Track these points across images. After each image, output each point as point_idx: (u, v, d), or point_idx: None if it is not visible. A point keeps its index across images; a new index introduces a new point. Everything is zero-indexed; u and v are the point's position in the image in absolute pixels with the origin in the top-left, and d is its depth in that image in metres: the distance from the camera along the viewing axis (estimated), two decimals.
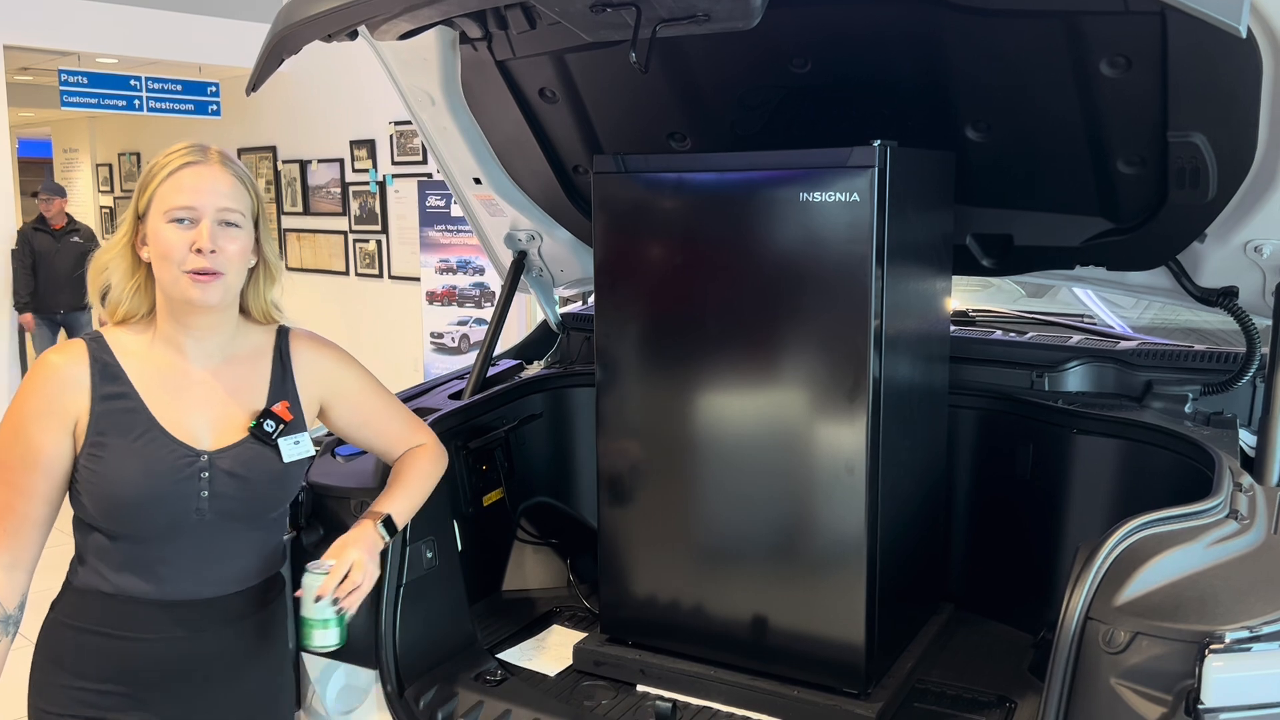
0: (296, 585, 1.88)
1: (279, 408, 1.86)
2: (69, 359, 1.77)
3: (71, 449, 1.75)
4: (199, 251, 1.72)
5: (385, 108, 8.14)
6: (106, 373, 1.76)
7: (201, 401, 1.82)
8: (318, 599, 1.80)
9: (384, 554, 2.23)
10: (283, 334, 1.95)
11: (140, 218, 1.78)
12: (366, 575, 1.86)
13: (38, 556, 1.82)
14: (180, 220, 1.74)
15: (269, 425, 1.84)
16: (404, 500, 2.03)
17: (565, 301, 3.47)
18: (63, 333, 8.33)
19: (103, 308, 1.83)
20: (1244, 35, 1.52)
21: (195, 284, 1.74)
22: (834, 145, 2.12)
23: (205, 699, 1.83)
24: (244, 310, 1.89)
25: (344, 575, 1.83)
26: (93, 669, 1.77)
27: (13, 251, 7.99)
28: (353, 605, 1.84)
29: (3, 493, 1.76)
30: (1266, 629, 1.55)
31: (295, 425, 1.88)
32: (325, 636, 1.81)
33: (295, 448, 1.86)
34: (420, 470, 2.08)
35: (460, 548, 2.55)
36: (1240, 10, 1.49)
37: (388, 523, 1.97)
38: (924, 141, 2.32)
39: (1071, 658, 1.68)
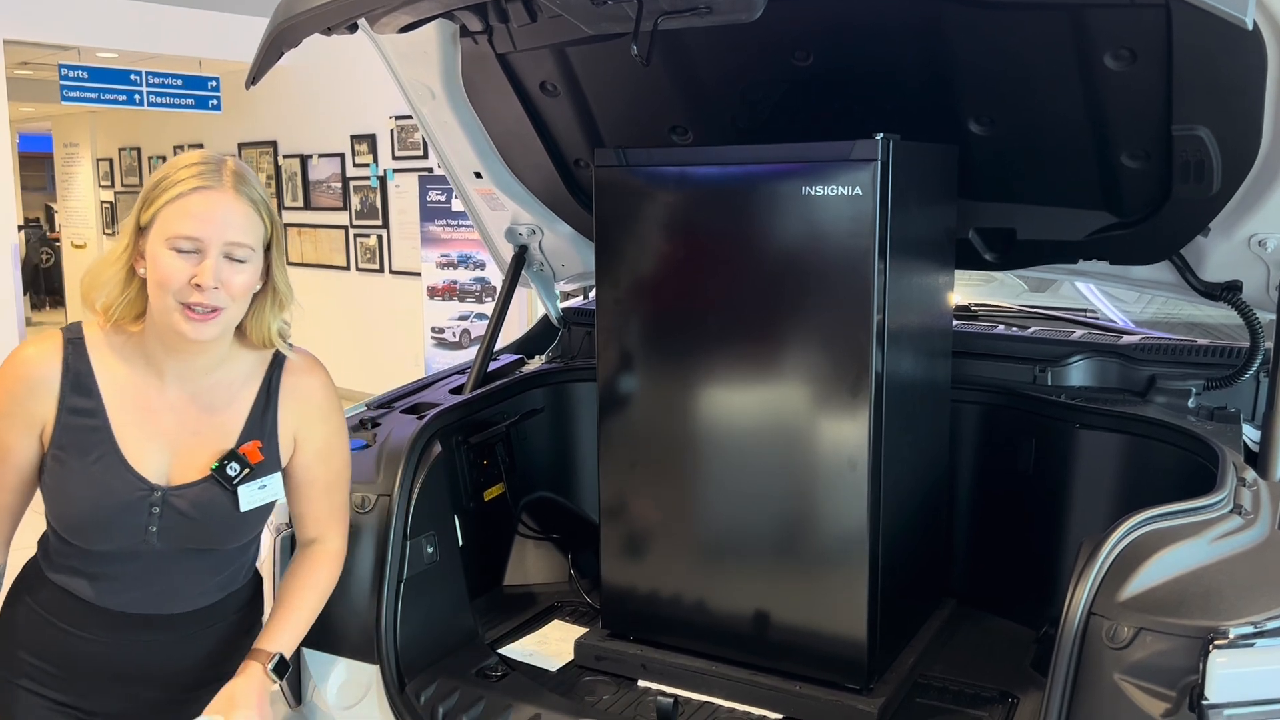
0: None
1: (248, 448, 1.76)
2: (42, 357, 1.70)
3: (39, 448, 1.72)
4: (198, 287, 1.62)
5: (386, 102, 8.14)
6: (79, 384, 1.70)
7: (170, 429, 1.73)
8: None
9: (383, 552, 2.24)
10: (277, 363, 1.83)
11: (141, 229, 1.67)
12: None
13: (11, 535, 1.81)
14: (182, 250, 1.63)
15: (232, 469, 1.74)
16: (295, 629, 1.89)
17: (566, 296, 3.47)
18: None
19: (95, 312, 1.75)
20: (1250, 28, 1.51)
21: (189, 320, 1.63)
22: (836, 139, 2.11)
23: (145, 698, 1.79)
24: (240, 330, 1.77)
25: None
26: (35, 645, 1.77)
27: None
28: None
29: None
30: (1270, 624, 1.55)
31: (265, 466, 1.78)
32: None
33: (258, 493, 1.77)
34: (317, 587, 1.93)
35: (461, 543, 2.54)
36: (1246, 2, 1.48)
37: (279, 665, 1.82)
38: (927, 135, 2.31)
39: (1075, 653, 1.68)
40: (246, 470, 1.75)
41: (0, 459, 1.72)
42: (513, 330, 3.39)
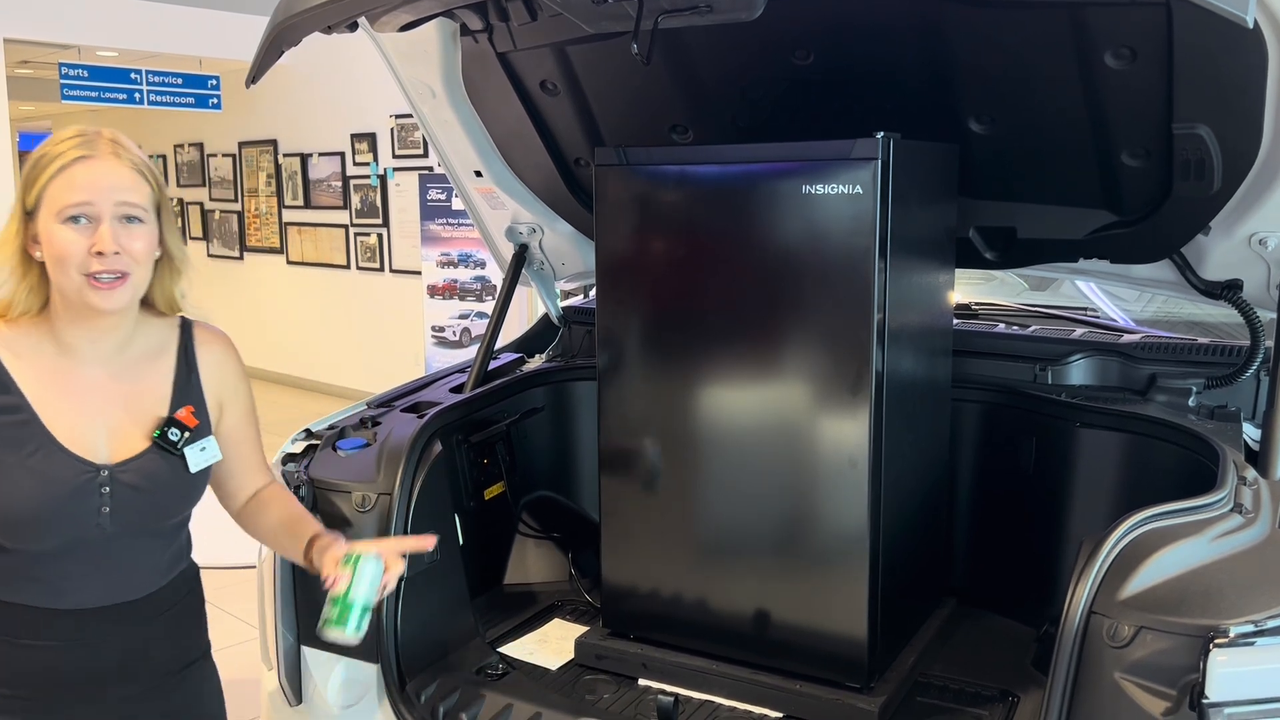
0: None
1: (183, 413, 1.75)
2: None
3: None
4: (100, 254, 1.60)
5: (386, 101, 8.13)
6: None
7: (99, 408, 1.71)
8: (384, 587, 1.73)
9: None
10: (186, 328, 1.83)
11: (28, 213, 1.64)
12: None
13: None
14: (76, 219, 1.61)
15: (174, 434, 1.73)
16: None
17: (566, 295, 3.47)
18: None
19: None
20: (1250, 26, 1.51)
21: (99, 290, 1.61)
22: (837, 137, 2.11)
23: (120, 696, 1.76)
24: (146, 302, 1.76)
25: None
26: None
27: None
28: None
29: None
30: (1271, 623, 1.55)
31: (201, 430, 1.78)
32: (364, 622, 1.71)
33: (202, 455, 1.77)
34: (297, 502, 2.00)
35: (461, 542, 2.55)
36: (1247, 0, 1.48)
37: None
38: (927, 134, 2.31)
39: (1075, 652, 1.68)
40: (186, 433, 1.75)
41: None
42: (513, 329, 3.39)
